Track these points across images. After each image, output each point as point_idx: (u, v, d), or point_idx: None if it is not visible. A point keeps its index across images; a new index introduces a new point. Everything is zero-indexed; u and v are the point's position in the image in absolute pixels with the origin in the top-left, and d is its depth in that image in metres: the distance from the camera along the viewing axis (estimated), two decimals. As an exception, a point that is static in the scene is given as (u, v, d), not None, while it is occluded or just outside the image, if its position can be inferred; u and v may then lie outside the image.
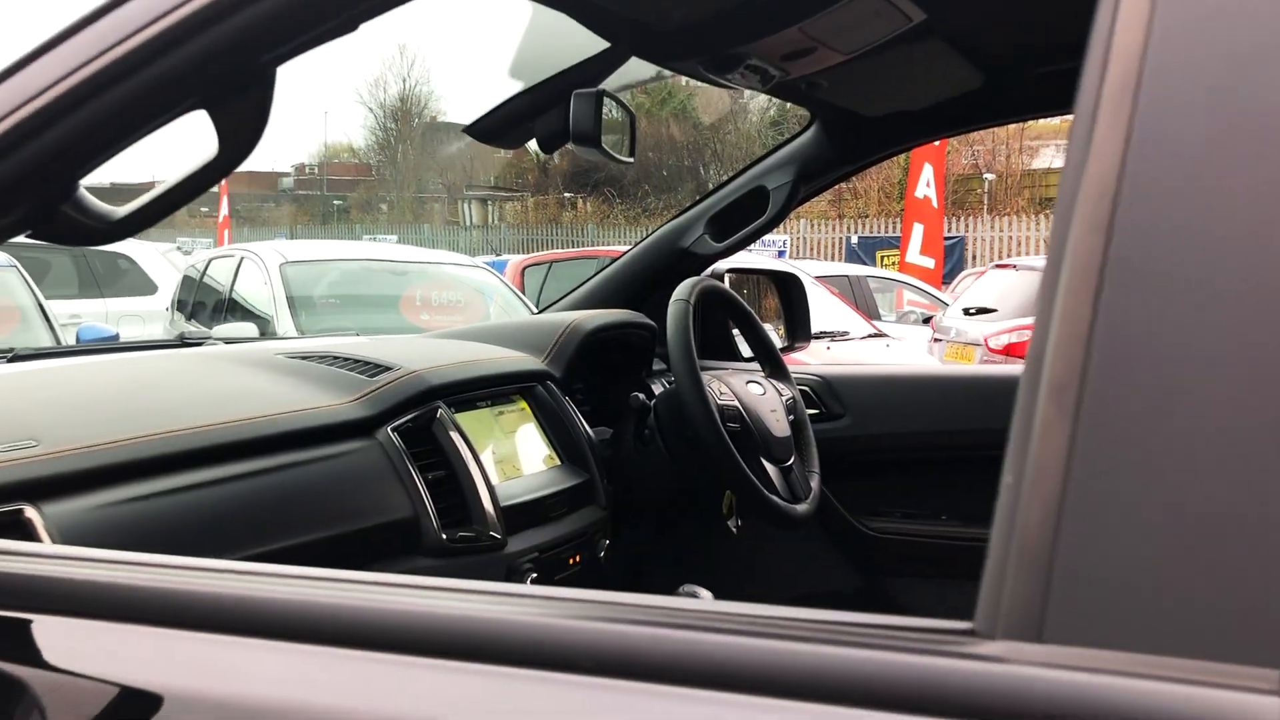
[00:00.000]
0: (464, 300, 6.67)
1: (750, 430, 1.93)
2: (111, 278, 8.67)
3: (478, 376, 1.80)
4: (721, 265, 2.50)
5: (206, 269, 7.27)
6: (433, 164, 38.28)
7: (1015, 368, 2.46)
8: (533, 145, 1.97)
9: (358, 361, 1.71)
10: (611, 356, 2.23)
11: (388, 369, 1.67)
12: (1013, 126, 19.97)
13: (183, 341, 2.20)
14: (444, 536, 1.54)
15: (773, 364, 2.18)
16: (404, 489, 1.53)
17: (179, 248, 10.68)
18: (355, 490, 1.48)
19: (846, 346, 7.10)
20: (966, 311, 8.53)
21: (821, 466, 2.08)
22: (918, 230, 13.31)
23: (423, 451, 1.59)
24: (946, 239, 16.65)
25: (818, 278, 8.45)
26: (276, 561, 1.24)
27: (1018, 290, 8.22)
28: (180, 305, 7.54)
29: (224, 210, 17.53)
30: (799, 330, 2.72)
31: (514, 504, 1.68)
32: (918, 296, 11.00)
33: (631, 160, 1.95)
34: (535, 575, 1.68)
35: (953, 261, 17.61)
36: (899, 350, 7.15)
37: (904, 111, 2.16)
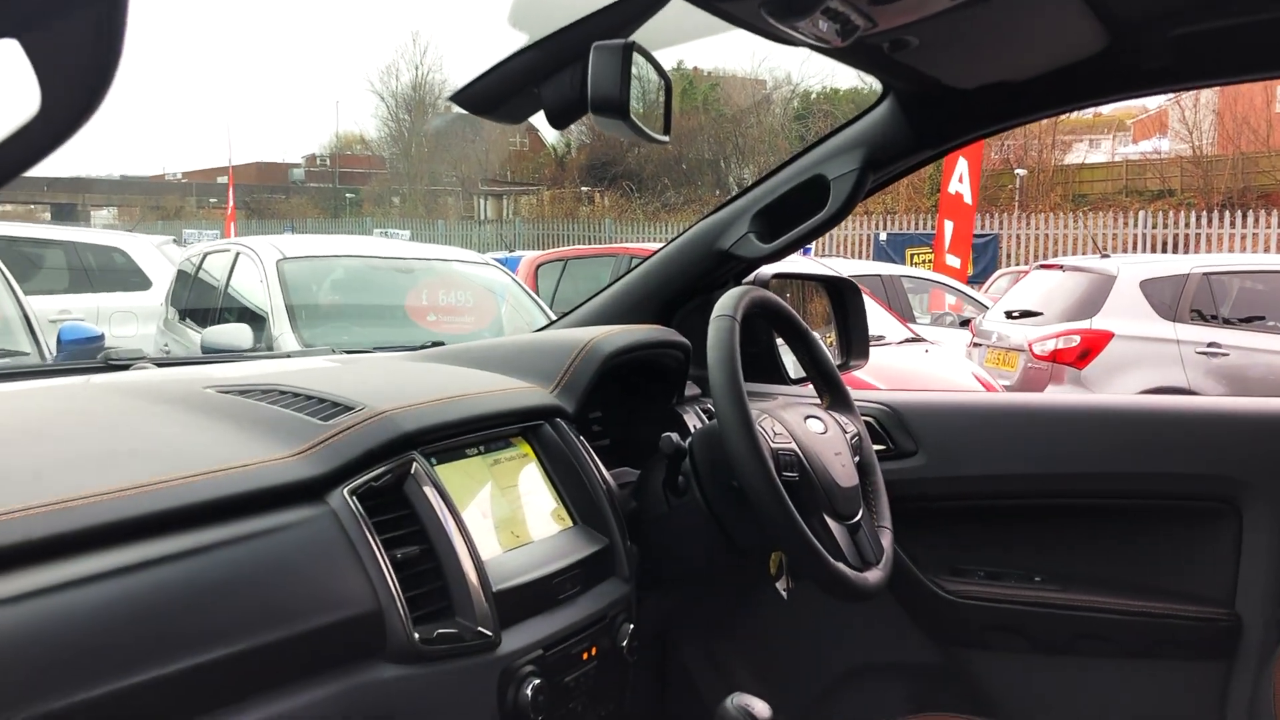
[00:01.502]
0: (473, 300, 6.26)
1: (811, 481, 1.54)
2: (104, 272, 8.27)
3: (467, 418, 1.39)
4: (766, 270, 2.08)
5: (201, 264, 6.87)
6: (446, 156, 37.82)
7: (1127, 399, 2.02)
8: (548, 134, 1.52)
9: (308, 398, 1.32)
10: (635, 381, 1.82)
11: (347, 408, 1.29)
12: (1045, 121, 19.43)
13: (108, 365, 1.78)
14: (416, 636, 1.16)
15: (834, 392, 1.77)
16: (363, 573, 1.15)
17: (175, 240, 10.26)
18: (296, 578, 1.11)
19: (882, 352, 6.65)
20: (1009, 315, 8.07)
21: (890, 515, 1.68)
22: (948, 228, 12.83)
23: (390, 520, 1.21)
24: (978, 237, 16.17)
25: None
26: (182, 686, 0.96)
27: (1063, 292, 7.76)
28: (175, 301, 7.14)
29: (230, 202, 17.19)
30: (855, 345, 2.31)
31: (511, 586, 1.29)
32: (953, 298, 10.52)
33: (666, 140, 1.54)
34: (538, 682, 1.28)
35: (985, 260, 17.11)
36: (938, 356, 6.68)
37: (1002, 83, 1.73)
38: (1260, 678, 1.80)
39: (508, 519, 1.39)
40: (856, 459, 1.65)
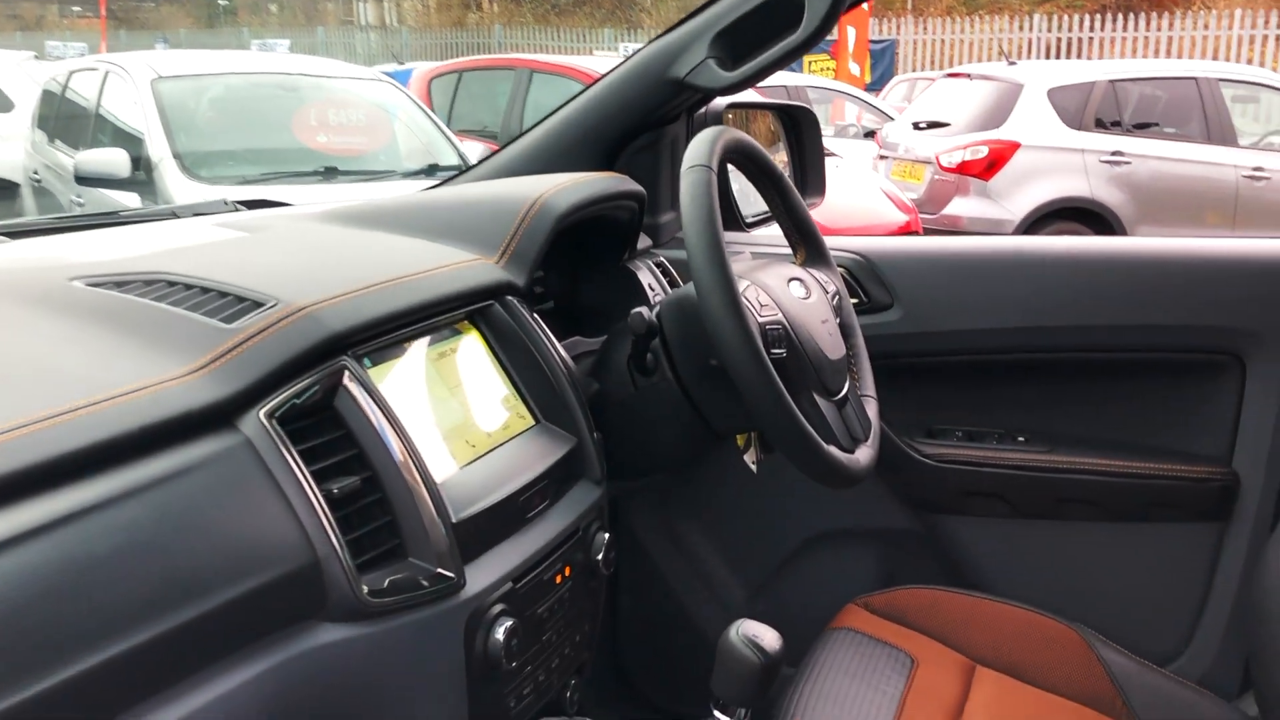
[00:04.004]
0: (365, 120, 5.90)
1: (800, 357, 1.37)
2: (-41, 93, 7.61)
3: (408, 307, 1.15)
4: (720, 101, 1.88)
5: (68, 84, 6.34)
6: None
7: (1122, 243, 1.87)
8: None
9: (204, 291, 1.07)
10: (582, 235, 1.61)
11: (255, 304, 1.04)
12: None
13: None
14: (364, 589, 0.97)
15: (811, 246, 1.59)
16: (291, 517, 0.94)
17: (37, 56, 9.52)
18: (207, 536, 0.88)
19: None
20: (916, 126, 7.92)
21: None
22: (850, 34, 12.53)
23: (320, 446, 1.00)
24: (875, 43, 15.84)
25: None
26: (64, 700, 0.74)
27: (971, 102, 7.63)
28: (43, 123, 6.62)
29: (102, 11, 15.96)
30: (811, 181, 2.15)
31: (473, 514, 1.10)
32: (856, 108, 10.31)
33: None
34: (511, 623, 1.10)
35: (883, 67, 16.79)
36: (845, 170, 6.53)
37: None
38: (1257, 538, 1.72)
39: (460, 427, 1.19)
40: (838, 321, 1.50)
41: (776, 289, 1.41)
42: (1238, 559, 1.74)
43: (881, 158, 8.14)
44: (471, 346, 1.28)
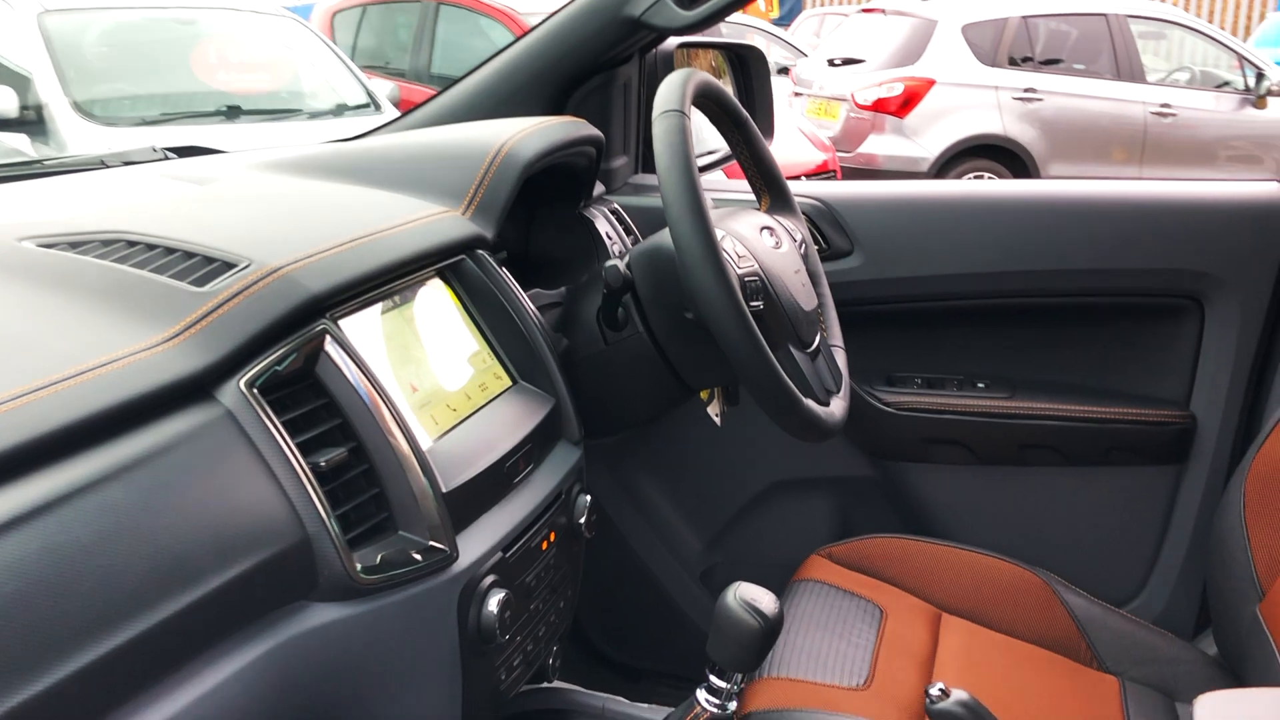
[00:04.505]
0: (268, 56, 5.67)
1: (777, 309, 1.33)
2: None
3: (385, 265, 1.08)
4: (672, 41, 1.81)
5: (-61, 18, 5.98)
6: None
7: (1082, 186, 1.84)
8: None
9: (169, 251, 0.98)
10: (538, 181, 1.52)
11: (227, 265, 0.97)
12: None
13: None
14: (358, 567, 0.91)
15: (776, 192, 1.55)
16: (279, 492, 0.88)
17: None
18: (190, 518, 0.81)
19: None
20: (831, 63, 7.87)
21: None
22: (758, -33, 12.41)
23: (303, 417, 0.93)
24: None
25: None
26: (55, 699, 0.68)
27: (886, 38, 7.58)
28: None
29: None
30: (762, 122, 2.07)
31: (463, 482, 1.04)
32: (765, 43, 10.23)
33: None
34: (504, 594, 1.05)
35: (790, 2, 16.70)
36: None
37: None
38: (1214, 479, 1.73)
39: (439, 390, 1.12)
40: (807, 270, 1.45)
41: (751, 239, 1.36)
42: (1194, 501, 1.76)
43: (796, 95, 8.08)
44: (444, 304, 1.20)
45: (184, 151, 1.66)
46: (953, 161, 7.14)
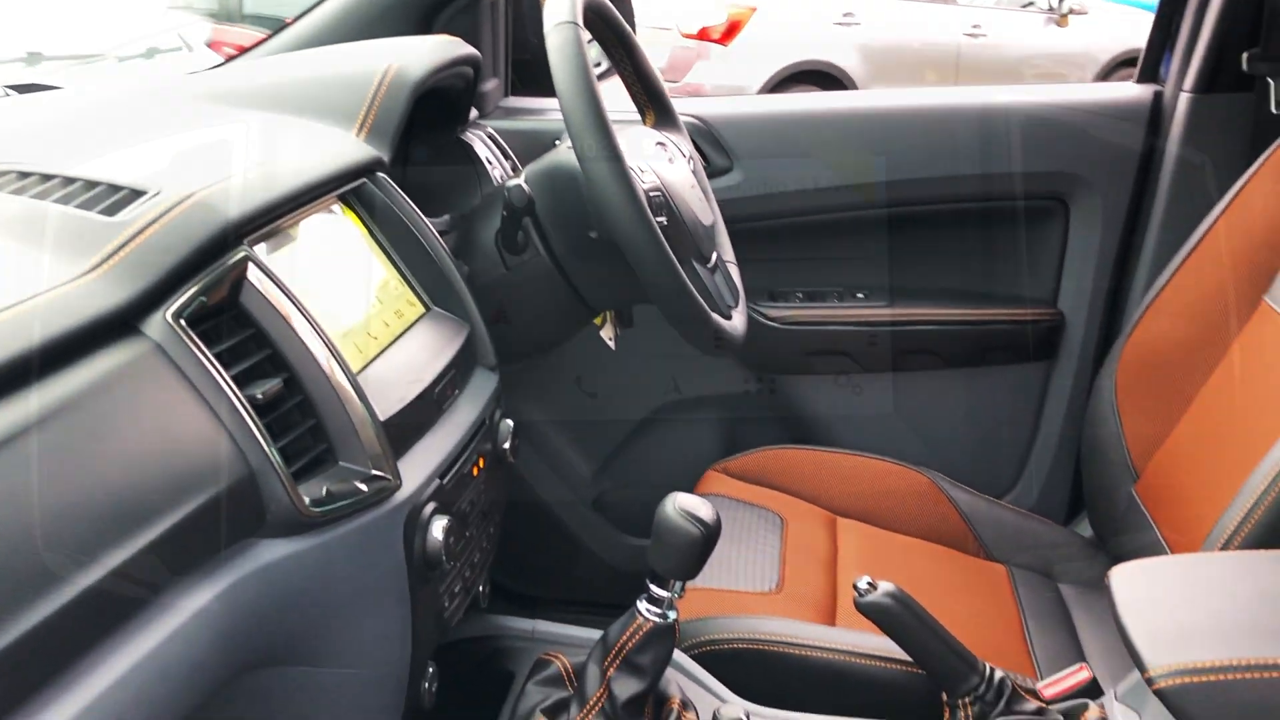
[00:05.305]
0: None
1: (680, 224, 1.33)
2: None
3: (296, 190, 1.04)
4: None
5: None
6: None
7: (949, 95, 1.90)
8: None
9: (69, 180, 0.92)
10: (417, 110, 1.49)
11: (137, 193, 0.91)
12: None
13: None
14: (306, 500, 0.88)
15: (661, 109, 1.54)
16: (219, 427, 0.84)
17: None
18: (130, 461, 0.76)
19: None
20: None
21: None
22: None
23: (233, 348, 0.89)
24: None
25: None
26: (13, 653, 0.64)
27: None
28: None
29: None
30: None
31: (400, 410, 1.02)
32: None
33: None
34: (447, 521, 1.04)
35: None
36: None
37: None
38: (1081, 373, 1.82)
39: (359, 319, 1.09)
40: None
41: (649, 154, 1.35)
42: (1063, 393, 1.85)
43: (620, 26, 8.02)
44: (349, 231, 1.17)
45: (24, 89, 1.55)
46: (778, 89, 7.21)
